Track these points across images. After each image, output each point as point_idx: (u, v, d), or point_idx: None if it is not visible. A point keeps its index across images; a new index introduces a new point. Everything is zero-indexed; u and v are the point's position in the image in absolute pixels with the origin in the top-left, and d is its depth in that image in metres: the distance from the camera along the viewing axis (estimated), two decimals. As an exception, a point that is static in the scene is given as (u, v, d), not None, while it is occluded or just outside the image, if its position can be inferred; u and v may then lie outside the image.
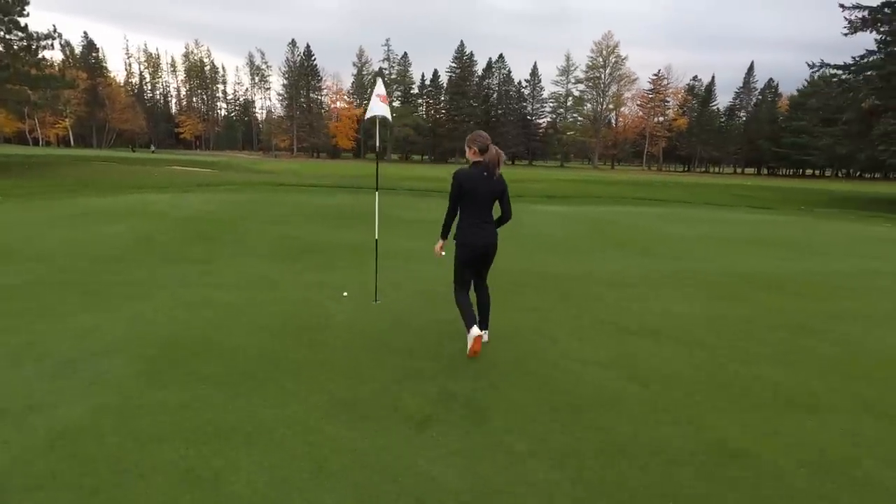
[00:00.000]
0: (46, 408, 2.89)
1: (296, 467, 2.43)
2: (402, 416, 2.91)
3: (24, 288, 5.14)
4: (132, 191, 15.46)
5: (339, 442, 2.64)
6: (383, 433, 2.74)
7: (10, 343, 3.76)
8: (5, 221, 9.15)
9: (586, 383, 3.38)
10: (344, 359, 3.66)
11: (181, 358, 3.60)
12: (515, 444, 2.65)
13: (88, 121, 73.22)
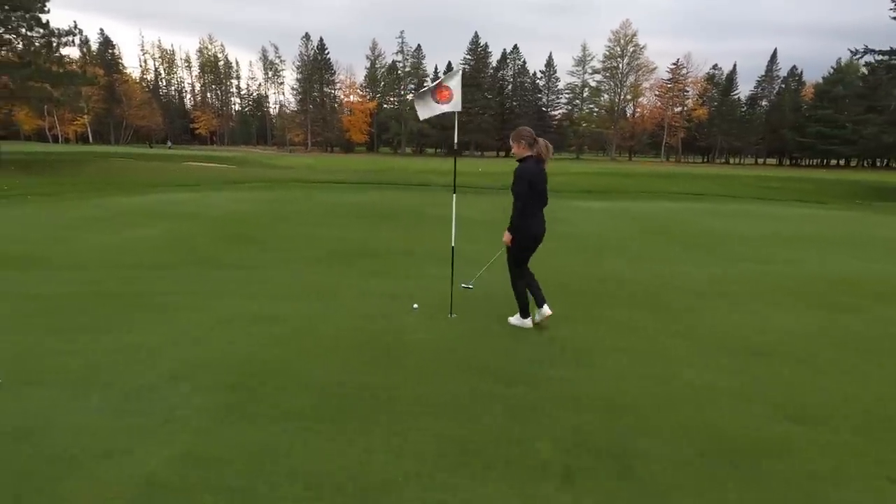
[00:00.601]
0: (119, 454, 2.50)
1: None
2: (534, 466, 2.47)
3: (70, 299, 4.79)
4: (158, 189, 15.21)
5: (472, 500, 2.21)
6: (518, 487, 2.30)
7: (69, 368, 3.39)
8: (35, 223, 8.89)
9: (734, 421, 2.90)
10: (442, 389, 3.22)
11: (260, 387, 3.19)
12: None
13: (106, 117, 73.70)
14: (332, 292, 5.23)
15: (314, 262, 6.42)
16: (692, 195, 17.45)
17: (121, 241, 7.43)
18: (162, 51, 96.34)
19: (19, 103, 28.05)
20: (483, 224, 9.61)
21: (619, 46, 74.00)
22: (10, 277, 5.47)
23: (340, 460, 2.48)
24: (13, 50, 24.54)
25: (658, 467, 2.47)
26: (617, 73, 74.99)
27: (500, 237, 4.19)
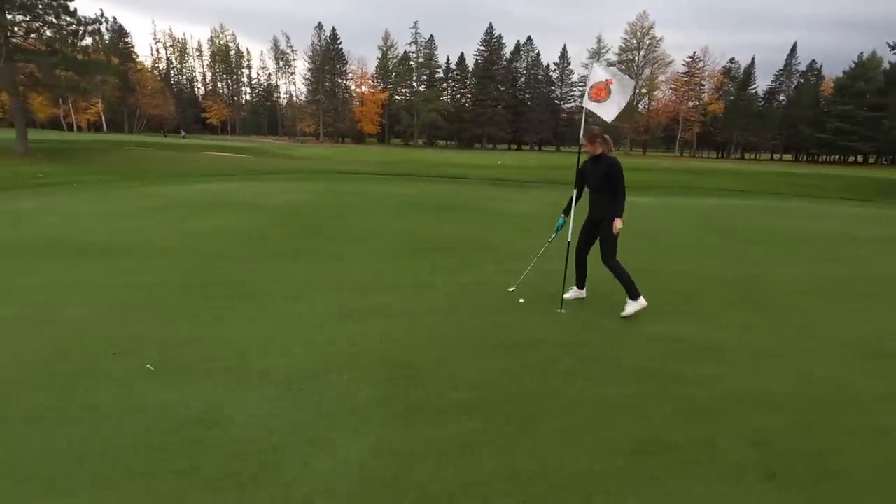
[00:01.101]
0: (321, 443, 2.51)
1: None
2: (731, 465, 2.45)
3: (170, 288, 4.81)
4: (196, 179, 15.23)
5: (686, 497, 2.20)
6: (723, 485, 2.29)
7: (213, 356, 3.41)
8: (97, 211, 8.92)
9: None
10: (601, 389, 3.21)
11: (415, 380, 3.20)
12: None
13: (119, 106, 73.78)
14: (430, 284, 5.23)
15: (394, 255, 6.41)
16: (732, 191, 17.25)
17: (191, 230, 7.44)
18: (174, 40, 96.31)
19: (45, 91, 28.09)
20: (544, 217, 9.57)
21: (636, 39, 73.18)
22: (104, 266, 5.50)
23: (526, 455, 2.48)
24: (40, 38, 24.57)
25: (858, 470, 2.46)
26: (633, 66, 74.14)
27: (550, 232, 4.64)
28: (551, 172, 21.19)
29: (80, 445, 2.44)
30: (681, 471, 2.40)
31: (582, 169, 4.60)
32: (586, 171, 4.55)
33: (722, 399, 3.07)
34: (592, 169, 4.48)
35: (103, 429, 2.58)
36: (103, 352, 3.43)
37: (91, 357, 3.36)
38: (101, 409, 2.75)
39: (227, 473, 2.28)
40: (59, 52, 24.18)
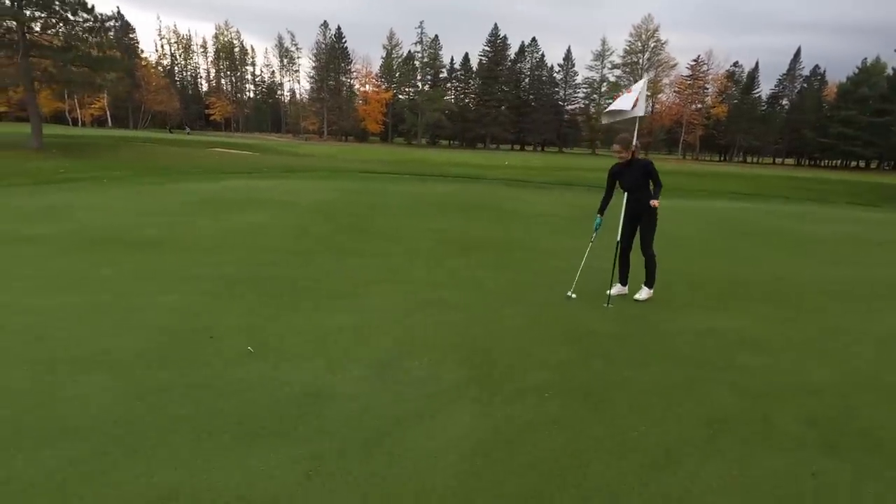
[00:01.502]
0: (429, 419, 2.82)
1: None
2: (789, 439, 2.77)
3: (238, 281, 5.12)
4: (219, 176, 15.54)
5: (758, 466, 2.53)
6: (784, 457, 2.61)
7: (301, 341, 3.72)
8: (135, 208, 9.22)
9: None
10: (661, 375, 3.53)
11: (488, 363, 3.52)
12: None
13: (124, 101, 73.93)
14: (475, 281, 5.55)
15: (434, 253, 6.72)
16: (739, 195, 17.59)
17: (236, 226, 7.75)
18: (178, 36, 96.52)
19: (59, 87, 28.34)
20: (570, 220, 9.91)
21: (641, 41, 73.55)
22: (169, 259, 5.81)
23: (609, 428, 2.80)
24: (56, 34, 24.81)
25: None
26: (637, 69, 74.54)
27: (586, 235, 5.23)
28: (565, 174, 21.51)
29: (212, 412, 2.75)
30: (745, 443, 2.73)
31: (614, 172, 4.99)
32: (621, 173, 4.94)
33: (772, 384, 3.40)
34: (628, 171, 4.87)
35: (229, 399, 2.90)
36: (202, 336, 3.75)
37: (193, 340, 3.67)
38: (218, 383, 3.06)
39: (344, 439, 2.59)
40: (75, 49, 24.44)
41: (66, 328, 3.78)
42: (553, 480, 2.35)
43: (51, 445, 2.43)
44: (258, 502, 2.13)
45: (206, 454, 2.42)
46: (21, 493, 2.12)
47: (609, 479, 2.38)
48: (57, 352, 3.39)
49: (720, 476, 2.43)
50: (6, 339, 3.55)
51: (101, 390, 2.95)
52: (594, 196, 14.66)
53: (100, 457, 2.36)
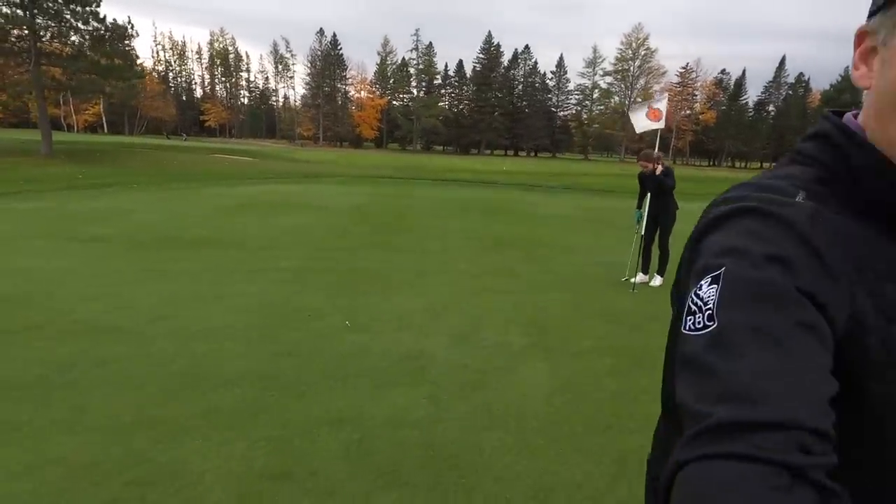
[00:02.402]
0: (506, 371, 3.54)
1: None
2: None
3: (305, 272, 5.80)
4: (239, 181, 16.17)
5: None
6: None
7: (391, 320, 4.42)
8: (175, 211, 9.85)
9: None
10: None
11: (545, 333, 4.24)
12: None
13: (120, 108, 74.07)
14: (512, 272, 6.28)
15: (469, 249, 7.45)
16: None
17: (282, 226, 8.43)
18: (173, 42, 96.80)
19: (73, 95, 28.78)
20: (582, 220, 10.68)
21: (631, 49, 75.14)
22: (230, 256, 6.48)
23: (653, 381, 3.52)
24: (65, 43, 25.28)
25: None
26: (628, 76, 76.13)
27: (599, 234, 5.79)
28: (567, 179, 22.38)
29: (343, 367, 3.45)
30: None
31: (641, 177, 6.02)
32: (644, 179, 5.92)
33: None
34: (650, 178, 5.75)
35: (351, 359, 3.59)
36: (297, 315, 4.43)
37: (295, 317, 4.36)
38: (335, 348, 3.75)
39: (451, 384, 3.30)
40: (84, 57, 24.92)
41: (180, 311, 4.44)
42: (615, 411, 3.07)
43: (222, 389, 3.11)
44: (405, 422, 2.83)
45: (354, 395, 3.12)
46: (216, 416, 2.81)
47: (655, 410, 3.11)
48: (185, 328, 4.06)
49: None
50: (135, 319, 4.21)
51: (238, 355, 3.62)
52: (598, 199, 15.61)
53: (265, 396, 3.05)
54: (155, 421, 2.73)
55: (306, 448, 2.56)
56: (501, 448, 2.62)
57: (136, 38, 25.81)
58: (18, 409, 2.79)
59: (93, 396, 2.95)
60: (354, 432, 2.71)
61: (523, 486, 2.33)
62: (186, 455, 2.45)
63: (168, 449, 2.49)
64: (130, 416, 2.76)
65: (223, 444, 2.55)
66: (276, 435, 2.65)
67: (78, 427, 2.64)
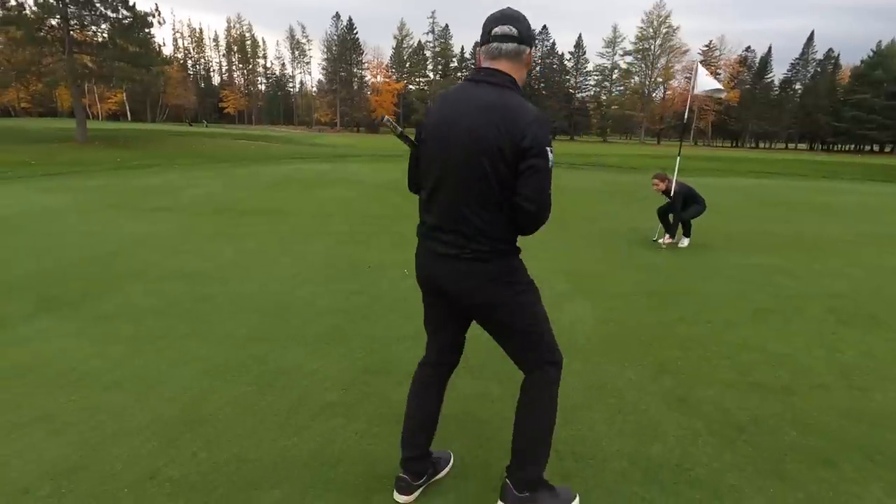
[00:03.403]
0: (557, 306, 4.00)
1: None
2: (817, 318, 3.93)
3: (361, 234, 6.31)
4: (274, 161, 16.79)
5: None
6: (815, 324, 3.76)
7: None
8: (223, 186, 10.46)
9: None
10: (720, 287, 4.70)
11: (587, 279, 4.70)
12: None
13: (142, 95, 75.56)
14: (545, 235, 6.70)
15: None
16: (762, 174, 18.53)
17: (325, 198, 8.99)
18: (191, 30, 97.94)
19: (100, 82, 29.73)
20: (608, 193, 10.98)
21: (652, 28, 73.58)
22: (285, 221, 7.03)
23: (692, 309, 3.96)
24: (96, 31, 26.07)
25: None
26: (648, 55, 74.70)
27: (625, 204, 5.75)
28: (587, 159, 22.52)
29: (405, 303, 3.95)
30: (786, 320, 3.87)
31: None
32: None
33: (802, 292, 4.55)
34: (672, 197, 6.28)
35: (410, 299, 4.08)
36: (359, 266, 4.95)
37: (354, 269, 4.87)
38: (397, 292, 4.26)
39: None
40: (114, 45, 25.69)
41: (258, 264, 4.99)
42: (655, 334, 3.52)
43: (311, 316, 3.64)
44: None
45: (419, 322, 3.62)
46: (313, 333, 3.34)
47: (691, 333, 3.55)
48: (265, 275, 4.60)
49: (770, 333, 3.60)
50: (219, 268, 4.78)
51: (316, 294, 4.15)
52: (621, 174, 15.82)
53: (347, 321, 3.57)
54: (265, 337, 3.27)
55: (392, 355, 3.07)
56: (557, 359, 3.10)
57: (162, 24, 26.31)
58: (154, 326, 3.36)
59: (208, 320, 3.50)
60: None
61: (580, 380, 2.80)
62: (297, 359, 2.98)
63: (281, 356, 3.02)
64: (243, 334, 3.31)
65: (325, 352, 3.08)
66: (366, 346, 3.17)
67: (205, 339, 3.19)
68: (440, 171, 1.60)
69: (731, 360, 3.12)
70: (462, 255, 1.63)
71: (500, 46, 1.56)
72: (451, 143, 1.56)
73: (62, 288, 4.08)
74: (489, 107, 1.52)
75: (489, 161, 1.52)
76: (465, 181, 1.56)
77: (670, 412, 2.48)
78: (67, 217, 6.93)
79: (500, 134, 1.50)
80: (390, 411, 2.43)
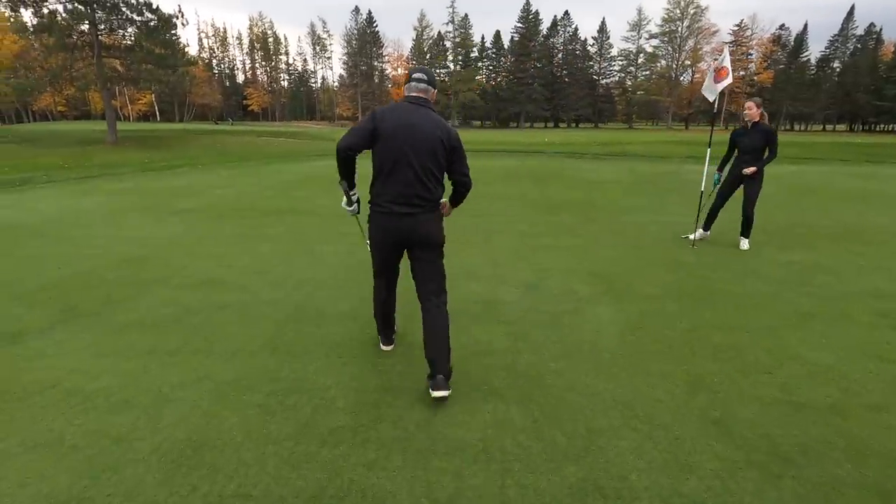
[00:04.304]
0: (578, 312, 3.80)
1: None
2: (868, 324, 3.61)
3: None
4: (297, 158, 16.87)
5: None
6: (863, 330, 3.45)
7: (460, 276, 4.76)
8: (247, 185, 10.52)
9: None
10: (753, 287, 4.41)
11: (610, 282, 4.47)
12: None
13: (170, 96, 77.33)
14: (570, 230, 6.47)
15: (526, 212, 7.68)
16: (799, 159, 17.66)
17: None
18: (215, 29, 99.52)
19: (129, 85, 30.51)
20: (635, 184, 10.60)
21: (679, 9, 71.02)
22: (308, 223, 6.97)
23: (721, 315, 3.70)
24: (123, 35, 26.65)
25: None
26: (675, 38, 72.23)
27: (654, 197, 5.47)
28: (613, 148, 21.92)
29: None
30: (831, 325, 3.58)
31: (735, 134, 5.56)
32: (741, 136, 5.48)
33: (847, 293, 4.21)
34: (748, 135, 5.41)
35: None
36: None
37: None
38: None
39: (525, 323, 3.59)
40: (141, 47, 26.22)
41: (275, 267, 4.94)
42: (688, 343, 3.29)
43: (326, 324, 3.53)
44: (488, 351, 3.17)
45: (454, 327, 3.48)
46: (328, 345, 3.23)
47: (728, 342, 3.30)
48: (283, 280, 4.53)
49: (814, 341, 3.32)
50: (239, 273, 4.73)
51: (333, 300, 4.05)
52: (650, 164, 15.27)
53: (364, 331, 3.45)
54: (278, 348, 3.19)
55: (409, 371, 2.93)
56: (578, 372, 2.91)
57: (186, 25, 26.73)
58: (167, 340, 3.31)
59: (223, 331, 3.44)
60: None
61: (604, 400, 2.61)
62: (309, 374, 2.88)
63: (294, 370, 2.92)
64: (256, 345, 3.23)
65: (339, 365, 2.97)
66: (381, 361, 3.05)
67: (216, 353, 3.13)
68: (403, 158, 2.50)
69: (771, 375, 2.88)
70: (423, 211, 2.59)
71: (418, 85, 2.61)
72: (417, 139, 2.50)
73: (83, 296, 4.10)
74: (430, 118, 2.56)
75: (440, 150, 2.54)
76: (424, 164, 2.52)
77: (706, 438, 2.27)
78: (95, 221, 7.04)
79: (441, 134, 2.53)
80: (403, 436, 2.30)
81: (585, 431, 2.33)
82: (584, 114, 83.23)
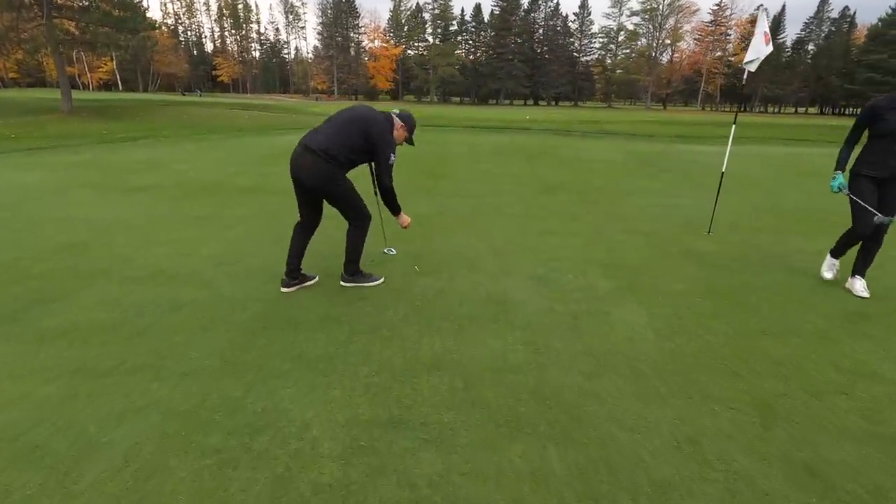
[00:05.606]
0: (601, 313, 3.26)
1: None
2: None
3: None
4: (261, 133, 15.80)
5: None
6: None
7: (459, 265, 4.16)
8: (212, 160, 9.61)
9: None
10: (775, 278, 3.95)
11: (630, 275, 3.95)
12: None
13: (133, 64, 73.01)
14: (572, 216, 5.93)
15: (522, 193, 7.10)
16: (790, 140, 17.54)
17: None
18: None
19: (84, 48, 28.23)
20: (632, 164, 10.11)
21: (661, -15, 70.29)
22: (279, 201, 6.23)
23: (751, 308, 3.22)
24: (77, -7, 24.50)
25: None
26: (656, 16, 71.66)
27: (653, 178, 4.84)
28: (596, 126, 21.44)
29: (421, 311, 3.22)
30: (891, 330, 3.14)
31: (879, 108, 3.55)
32: (887, 111, 3.50)
33: (891, 287, 3.80)
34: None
35: (427, 303, 3.36)
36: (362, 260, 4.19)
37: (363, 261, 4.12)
38: (407, 293, 3.52)
39: (542, 332, 3.04)
40: (97, 8, 24.20)
41: (243, 256, 4.26)
42: (738, 354, 2.79)
43: (304, 333, 2.91)
44: (506, 367, 2.60)
45: (441, 340, 2.90)
46: (303, 361, 2.61)
47: (784, 354, 2.82)
48: (251, 272, 3.87)
49: (879, 349, 2.87)
50: (199, 264, 4.03)
51: (310, 299, 3.42)
52: (641, 143, 14.83)
53: (350, 340, 2.84)
54: (244, 365, 2.55)
55: (409, 395, 2.35)
56: (620, 395, 2.38)
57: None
58: (102, 353, 2.63)
59: (174, 341, 2.78)
60: (456, 378, 2.49)
61: (661, 435, 2.09)
62: (283, 402, 2.26)
63: (263, 397, 2.30)
64: (216, 361, 2.59)
65: (319, 391, 2.36)
66: (375, 379, 2.46)
67: (165, 373, 2.47)
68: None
69: (848, 396, 2.40)
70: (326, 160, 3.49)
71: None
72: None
73: (8, 293, 3.35)
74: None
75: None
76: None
77: (804, 495, 1.77)
78: (34, 199, 6.14)
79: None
80: (412, 499, 1.72)
81: (650, 487, 1.80)
82: (563, 91, 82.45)
